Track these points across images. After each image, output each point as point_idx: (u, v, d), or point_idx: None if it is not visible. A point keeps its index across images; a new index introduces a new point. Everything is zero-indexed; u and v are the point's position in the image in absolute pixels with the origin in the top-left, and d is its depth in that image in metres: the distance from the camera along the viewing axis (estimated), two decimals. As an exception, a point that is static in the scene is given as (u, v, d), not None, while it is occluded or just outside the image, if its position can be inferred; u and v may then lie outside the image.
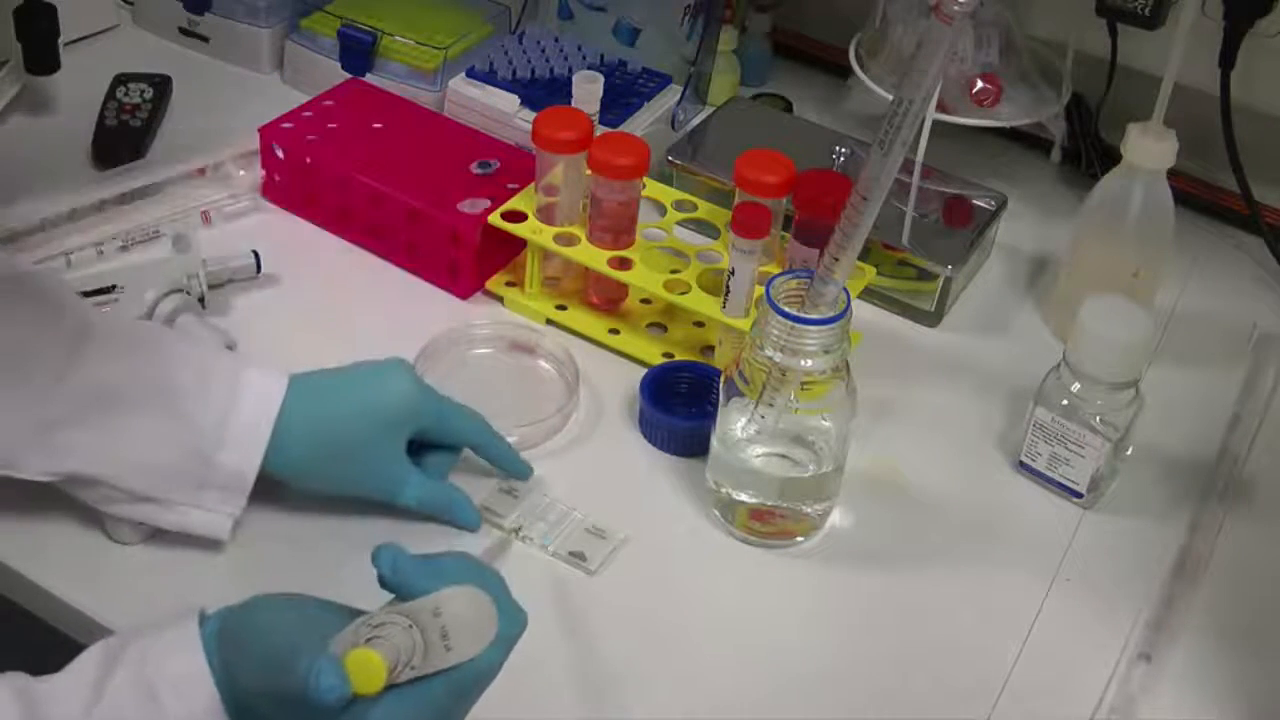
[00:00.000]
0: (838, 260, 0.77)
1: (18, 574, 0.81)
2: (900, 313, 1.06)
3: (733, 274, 0.92)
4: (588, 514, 0.87)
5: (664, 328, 1.02)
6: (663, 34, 1.22)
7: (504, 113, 1.15)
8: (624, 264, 0.98)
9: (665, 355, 0.98)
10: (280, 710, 0.64)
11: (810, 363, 0.80)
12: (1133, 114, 0.98)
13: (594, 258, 0.98)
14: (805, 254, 0.95)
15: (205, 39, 1.27)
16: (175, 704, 0.64)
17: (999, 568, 0.87)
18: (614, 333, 1.00)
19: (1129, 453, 0.92)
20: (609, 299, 1.02)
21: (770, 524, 0.86)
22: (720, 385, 0.85)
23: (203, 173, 1.10)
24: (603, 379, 0.97)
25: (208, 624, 0.67)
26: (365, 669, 0.62)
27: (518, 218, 1.00)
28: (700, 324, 1.01)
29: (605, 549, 0.85)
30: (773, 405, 0.82)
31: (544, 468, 0.90)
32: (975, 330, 1.06)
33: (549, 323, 1.02)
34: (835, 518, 0.89)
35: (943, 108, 1.07)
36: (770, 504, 0.85)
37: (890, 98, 0.73)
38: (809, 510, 0.87)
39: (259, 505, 0.84)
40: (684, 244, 1.02)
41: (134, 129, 1.14)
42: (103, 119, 1.15)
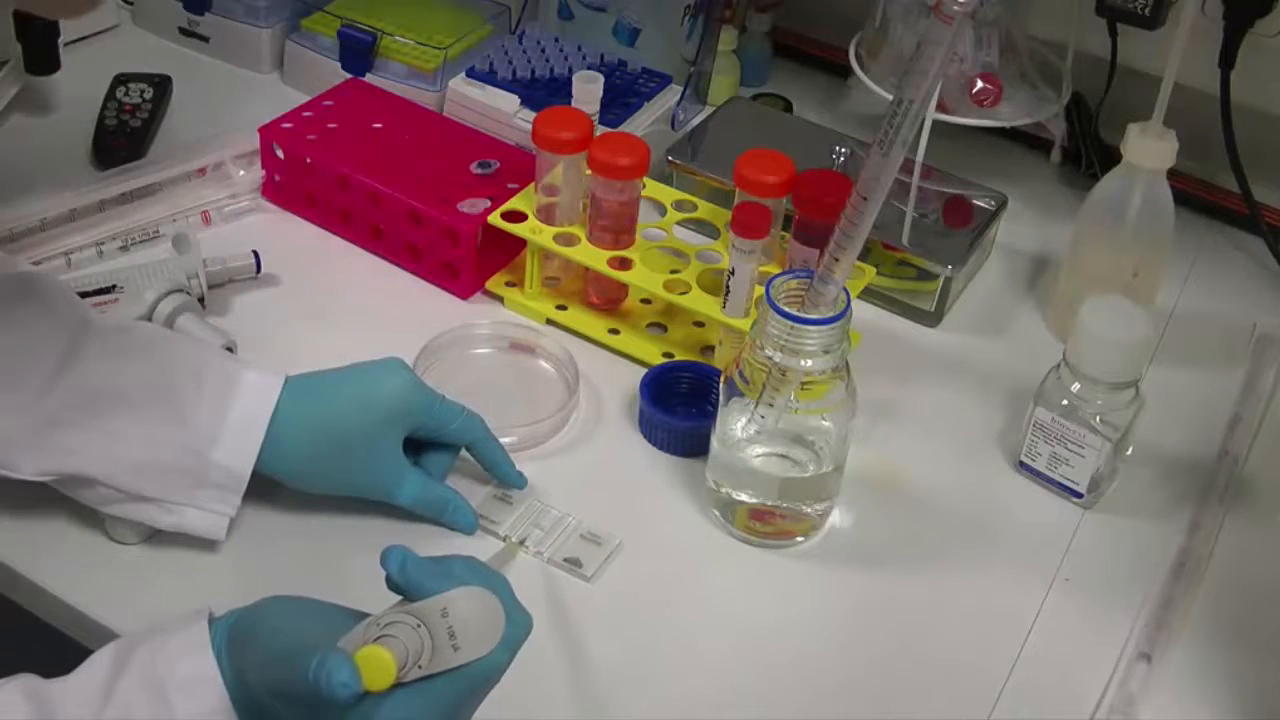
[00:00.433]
0: (838, 260, 0.77)
1: (18, 574, 0.81)
2: (900, 313, 1.06)
3: (733, 274, 0.92)
4: (583, 519, 0.87)
5: (664, 328, 1.02)
6: (663, 34, 1.22)
7: (504, 113, 1.15)
8: (624, 264, 0.98)
9: (665, 355, 0.98)
10: (290, 709, 0.65)
11: (810, 363, 0.80)
12: (1133, 114, 0.98)
13: (594, 258, 0.98)
14: (805, 254, 0.95)
15: (205, 39, 1.27)
16: (185, 705, 0.65)
17: (999, 568, 0.87)
18: (614, 333, 1.00)
19: (1129, 453, 0.92)
20: (609, 299, 1.02)
21: (770, 524, 0.86)
22: (720, 385, 0.85)
23: (203, 173, 1.10)
24: (603, 379, 0.97)
25: (217, 625, 0.67)
26: (375, 665, 0.62)
27: (518, 218, 1.00)
28: (700, 324, 1.01)
29: (601, 555, 0.85)
30: (773, 405, 0.82)
31: (544, 467, 0.90)
32: (975, 330, 1.06)
33: (549, 323, 1.02)
34: (835, 518, 0.89)
35: (943, 108, 1.07)
36: (770, 504, 0.85)
37: (890, 98, 0.73)
38: (809, 510, 0.87)
39: (258, 505, 0.84)
40: (684, 244, 1.02)
41: (134, 129, 1.15)
42: (103, 119, 1.15)
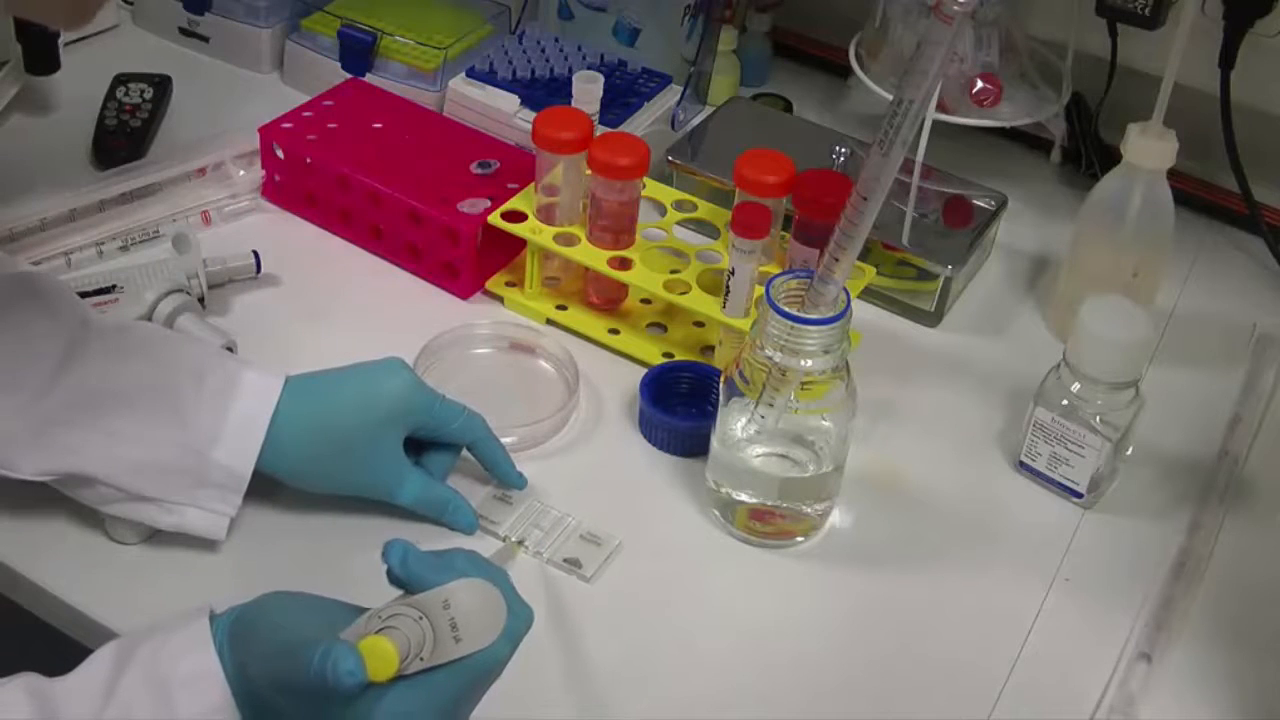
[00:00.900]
0: (838, 260, 0.77)
1: (18, 574, 0.81)
2: (900, 313, 1.06)
3: (733, 274, 0.92)
4: (583, 519, 0.87)
5: (664, 328, 1.02)
6: (663, 34, 1.22)
7: (504, 113, 1.15)
8: (624, 264, 0.98)
9: (665, 355, 0.98)
10: (292, 702, 0.65)
11: (810, 363, 0.80)
12: (1133, 114, 0.98)
13: (594, 258, 0.98)
14: (805, 254, 0.95)
15: (205, 39, 1.27)
16: (187, 702, 0.65)
17: (999, 568, 0.87)
18: (614, 333, 1.00)
19: (1129, 453, 0.92)
20: (609, 299, 1.02)
21: (770, 524, 0.86)
22: (720, 385, 0.85)
23: (203, 173, 1.10)
24: (603, 379, 0.97)
25: (219, 622, 0.67)
26: (378, 656, 0.62)
27: (518, 218, 1.00)
28: (700, 324, 1.01)
29: (600, 555, 0.85)
30: (773, 405, 0.82)
31: (544, 467, 0.90)
32: (975, 330, 1.06)
33: (549, 323, 1.02)
34: (835, 518, 0.89)
35: (943, 108, 1.07)
36: (770, 504, 0.85)
37: (890, 98, 0.73)
38: (809, 510, 0.87)
39: (258, 505, 0.84)
40: (684, 244, 1.02)
41: (134, 129, 1.14)
42: (103, 119, 1.15)
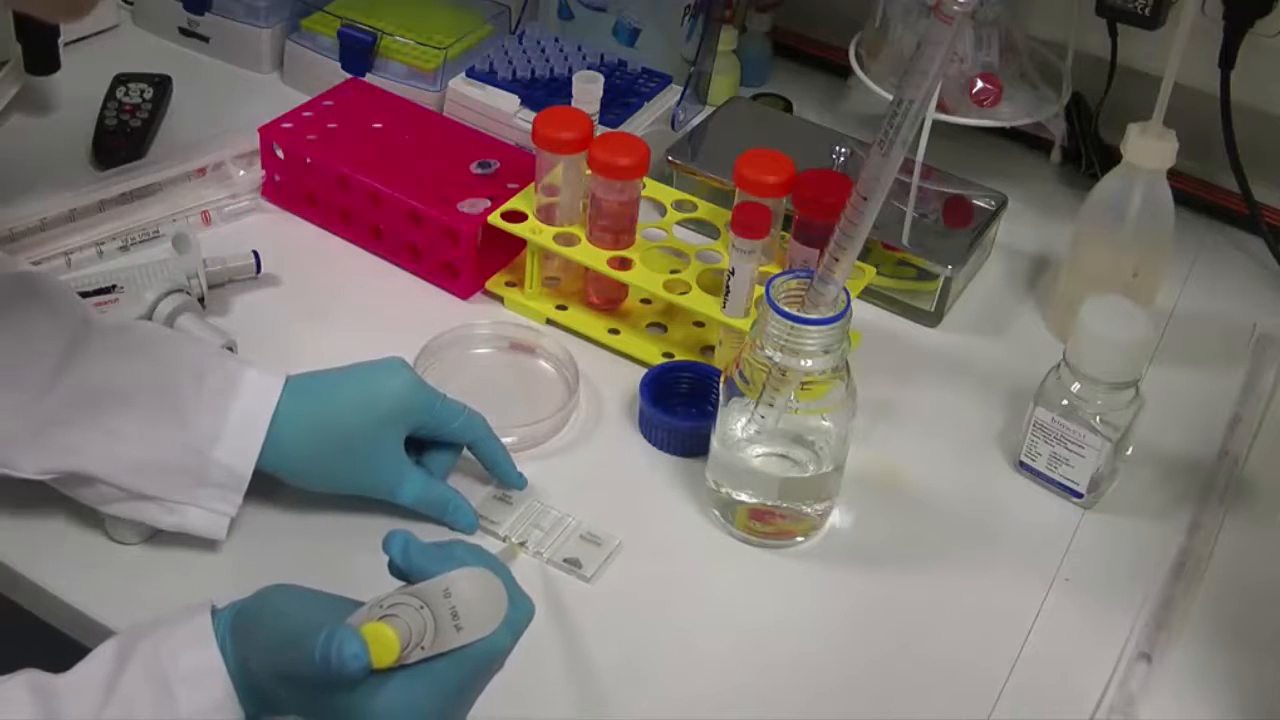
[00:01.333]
0: (838, 260, 0.77)
1: (18, 574, 0.81)
2: (900, 313, 1.06)
3: (733, 274, 0.92)
4: (583, 520, 0.87)
5: (664, 328, 1.02)
6: (663, 34, 1.22)
7: (504, 113, 1.15)
8: (624, 264, 0.98)
9: (665, 355, 0.98)
10: (295, 692, 0.65)
11: (810, 363, 0.80)
12: (1133, 114, 0.98)
13: (594, 258, 0.98)
14: (805, 254, 0.95)
15: (205, 39, 1.27)
16: (189, 697, 0.65)
17: (999, 568, 0.87)
18: (614, 333, 1.00)
19: (1129, 453, 0.92)
20: (609, 299, 1.02)
21: (770, 524, 0.86)
22: (720, 385, 0.85)
23: (203, 173, 1.10)
24: (603, 379, 0.97)
25: (220, 617, 0.68)
26: (380, 641, 0.62)
27: (518, 218, 1.00)
28: (700, 324, 1.01)
29: (600, 555, 0.85)
30: (773, 405, 0.82)
31: (544, 467, 0.90)
32: (975, 330, 1.06)
33: (549, 323, 1.02)
34: (835, 518, 0.89)
35: (943, 108, 1.07)
36: (770, 504, 0.85)
37: (890, 98, 0.73)
38: (809, 510, 0.87)
39: (259, 505, 0.84)
40: (684, 244, 1.02)
41: (134, 129, 1.14)
42: (103, 119, 1.15)
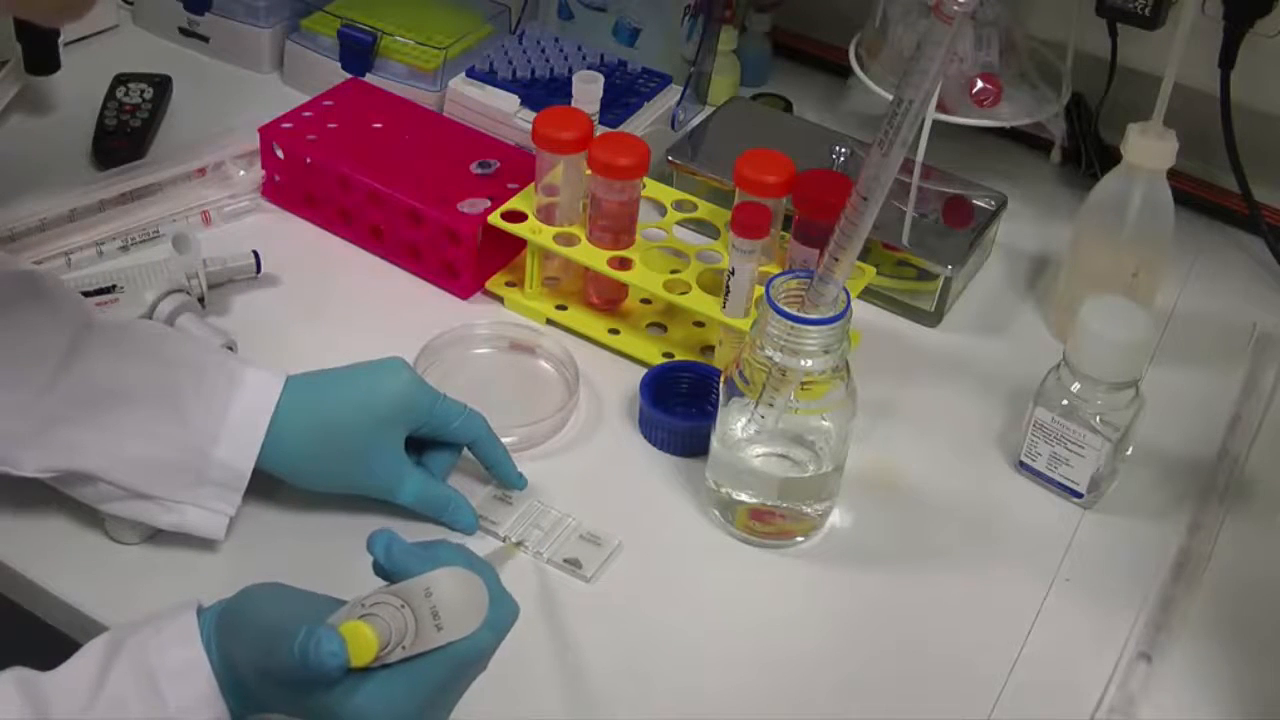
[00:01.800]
0: (838, 260, 0.77)
1: (18, 574, 0.81)
2: (900, 313, 1.06)
3: (733, 274, 0.92)
4: (582, 520, 0.87)
5: (664, 328, 1.02)
6: (663, 34, 1.22)
7: (504, 113, 1.15)
8: (624, 264, 0.98)
9: (665, 355, 0.98)
10: (276, 689, 0.65)
11: (810, 363, 0.80)
12: (1133, 114, 0.98)
13: (594, 258, 0.98)
14: (805, 254, 0.95)
15: (205, 39, 1.27)
16: (175, 693, 0.66)
17: (999, 568, 0.87)
18: (614, 333, 1.00)
19: (1129, 453, 0.92)
20: (609, 299, 1.02)
21: (770, 524, 0.86)
22: (720, 385, 0.85)
23: (203, 173, 1.10)
24: (603, 379, 0.97)
25: (206, 615, 0.68)
26: (358, 640, 0.62)
27: (518, 218, 1.00)
28: (700, 324, 1.01)
29: (600, 556, 0.85)
30: (773, 405, 0.82)
31: (543, 467, 0.90)
32: (975, 330, 1.06)
33: (549, 323, 1.02)
34: (835, 518, 0.89)
35: (943, 108, 1.07)
36: (770, 504, 0.85)
37: (890, 98, 0.73)
38: (809, 510, 0.87)
39: (258, 505, 0.84)
40: (684, 244, 1.02)
41: (134, 129, 1.15)
42: (103, 119, 1.15)
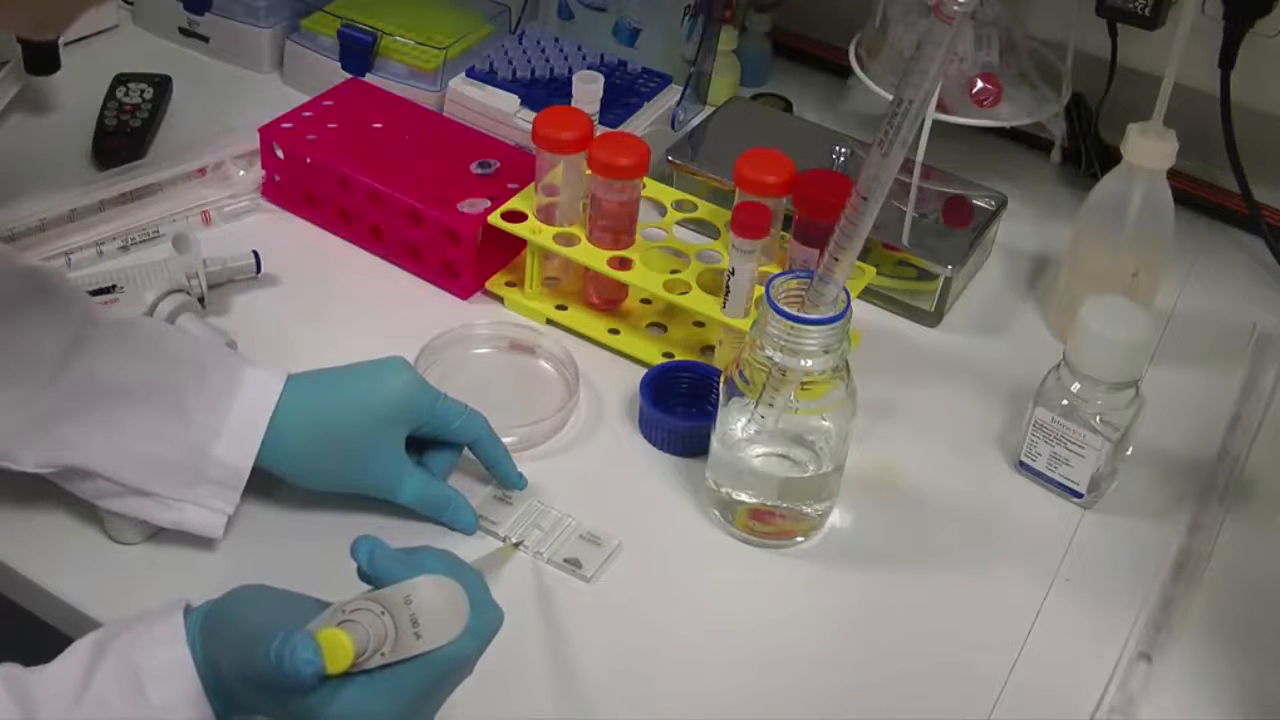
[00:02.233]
0: (838, 260, 0.77)
1: (18, 573, 0.81)
2: (900, 313, 1.06)
3: (733, 274, 0.92)
4: (583, 520, 0.86)
5: (664, 328, 1.02)
6: (663, 34, 1.22)
7: (504, 113, 1.15)
8: (624, 264, 0.98)
9: (665, 355, 0.98)
10: (255, 693, 0.65)
11: (810, 363, 0.80)
12: (1133, 114, 0.98)
13: (594, 258, 0.98)
14: (805, 254, 0.95)
15: (205, 39, 1.27)
16: (159, 694, 0.66)
17: (999, 568, 0.87)
18: (614, 333, 1.00)
19: (1129, 453, 0.92)
20: (609, 299, 1.02)
21: (770, 524, 0.86)
22: (720, 385, 0.85)
23: (203, 173, 1.10)
24: (603, 379, 0.97)
25: (193, 615, 0.68)
26: (333, 647, 0.62)
27: (518, 218, 1.00)
28: (700, 324, 1.01)
29: (600, 556, 0.84)
30: (773, 405, 0.82)
31: (543, 467, 0.90)
32: (975, 330, 1.06)
33: (549, 323, 1.02)
34: (835, 518, 0.89)
35: (943, 108, 1.07)
36: (770, 504, 0.85)
37: (890, 98, 0.73)
38: (809, 510, 0.87)
39: (258, 505, 0.84)
40: (684, 244, 1.02)
41: (134, 129, 1.14)
42: (103, 119, 1.15)
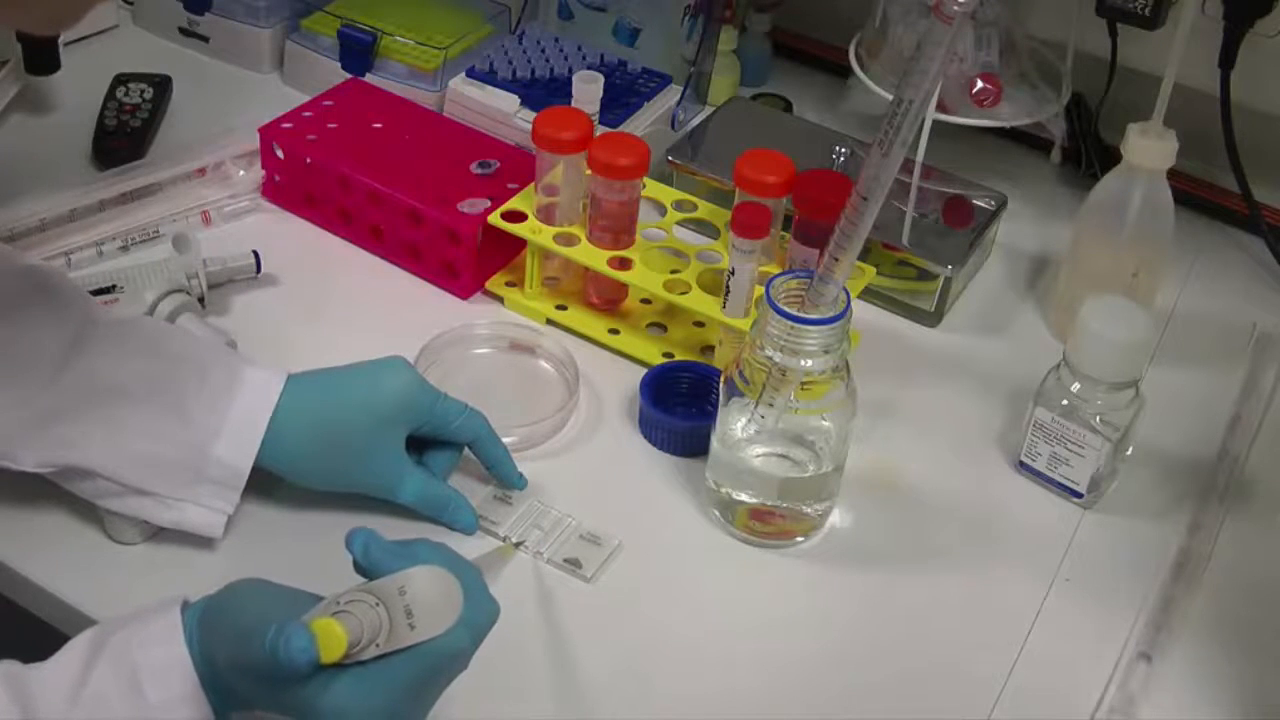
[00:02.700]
0: (838, 260, 0.77)
1: (18, 573, 0.81)
2: (900, 313, 1.06)
3: (733, 274, 0.92)
4: (583, 520, 0.86)
5: (664, 328, 1.02)
6: (663, 34, 1.22)
7: (504, 113, 1.15)
8: (624, 264, 0.98)
9: (665, 355, 0.98)
10: (251, 685, 0.66)
11: (810, 363, 0.80)
12: (1133, 114, 0.98)
13: (594, 258, 0.98)
14: (805, 254, 0.95)
15: (205, 39, 1.27)
16: (156, 690, 0.66)
17: (999, 568, 0.87)
18: (614, 333, 1.00)
19: (1129, 453, 0.92)
20: (609, 299, 1.02)
21: (770, 524, 0.86)
22: (720, 385, 0.85)
23: (203, 173, 1.10)
24: (603, 379, 0.97)
25: (190, 611, 0.68)
26: (327, 636, 0.63)
27: (518, 218, 1.00)
28: (700, 324, 1.01)
29: (600, 555, 0.84)
30: (773, 405, 0.82)
31: (543, 468, 0.90)
32: (975, 330, 1.06)
33: (549, 323, 1.02)
34: (835, 518, 0.89)
35: (943, 108, 1.07)
36: (770, 504, 0.85)
37: (890, 98, 0.73)
38: (809, 510, 0.87)
39: (258, 504, 0.84)
40: (684, 244, 1.02)
41: (134, 129, 1.14)
42: (103, 119, 1.15)
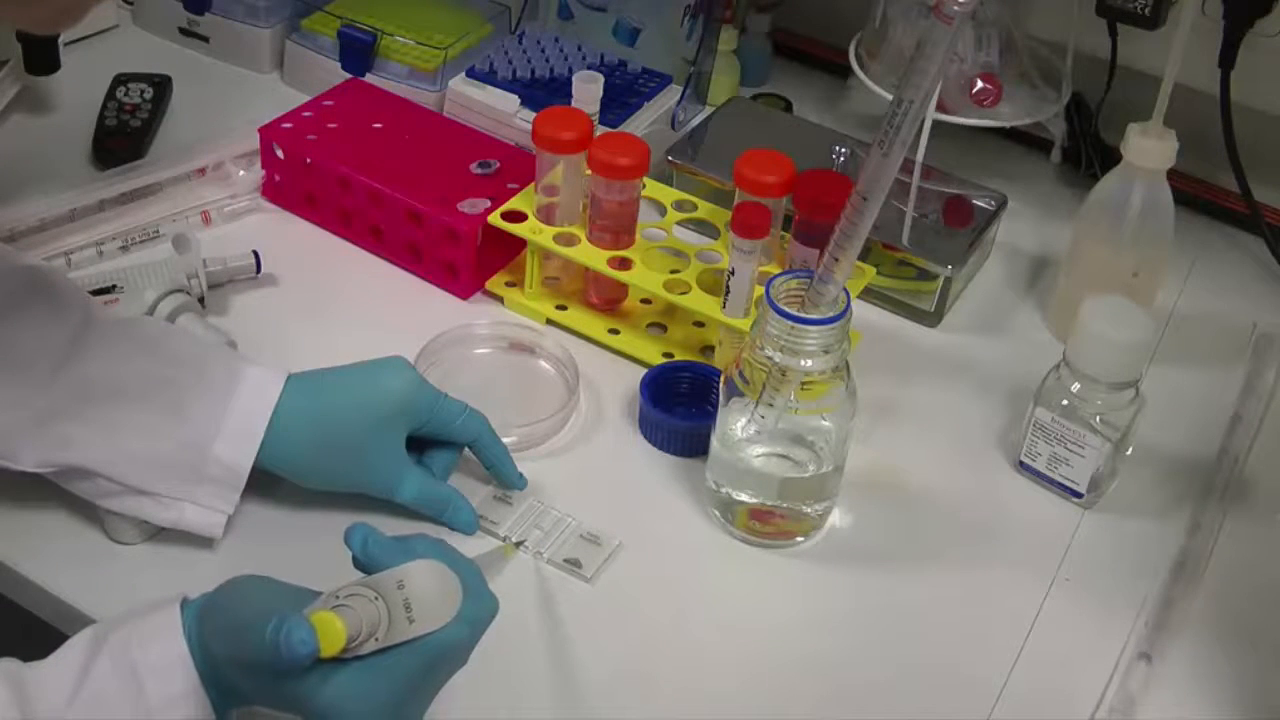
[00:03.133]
0: (838, 260, 0.77)
1: (18, 573, 0.81)
2: (900, 313, 1.06)
3: (733, 274, 0.92)
4: (583, 520, 0.86)
5: (664, 328, 1.02)
6: (663, 34, 1.22)
7: (504, 113, 1.15)
8: (624, 264, 0.98)
9: (665, 355, 0.98)
10: (251, 679, 0.66)
11: (810, 363, 0.80)
12: (1133, 114, 0.98)
13: (594, 258, 0.98)
14: (805, 254, 0.95)
15: (205, 39, 1.27)
16: (156, 688, 0.66)
17: (999, 568, 0.87)
18: (614, 333, 1.00)
19: (1129, 453, 0.92)
20: (609, 299, 1.02)
21: (770, 524, 0.86)
22: (720, 385, 0.85)
23: (203, 173, 1.10)
24: (603, 379, 0.97)
25: (189, 608, 0.68)
26: (327, 629, 0.63)
27: (518, 218, 1.00)
28: (700, 324, 1.01)
29: (600, 556, 0.84)
30: (773, 405, 0.82)
31: (543, 467, 0.90)
32: (975, 330, 1.06)
33: (549, 323, 1.02)
34: (835, 518, 0.89)
35: (943, 108, 1.07)
36: (770, 504, 0.85)
37: (890, 98, 0.73)
38: (809, 510, 0.87)
39: (258, 504, 0.84)
40: (684, 244, 1.02)
41: (134, 129, 1.14)
42: (103, 119, 1.15)
